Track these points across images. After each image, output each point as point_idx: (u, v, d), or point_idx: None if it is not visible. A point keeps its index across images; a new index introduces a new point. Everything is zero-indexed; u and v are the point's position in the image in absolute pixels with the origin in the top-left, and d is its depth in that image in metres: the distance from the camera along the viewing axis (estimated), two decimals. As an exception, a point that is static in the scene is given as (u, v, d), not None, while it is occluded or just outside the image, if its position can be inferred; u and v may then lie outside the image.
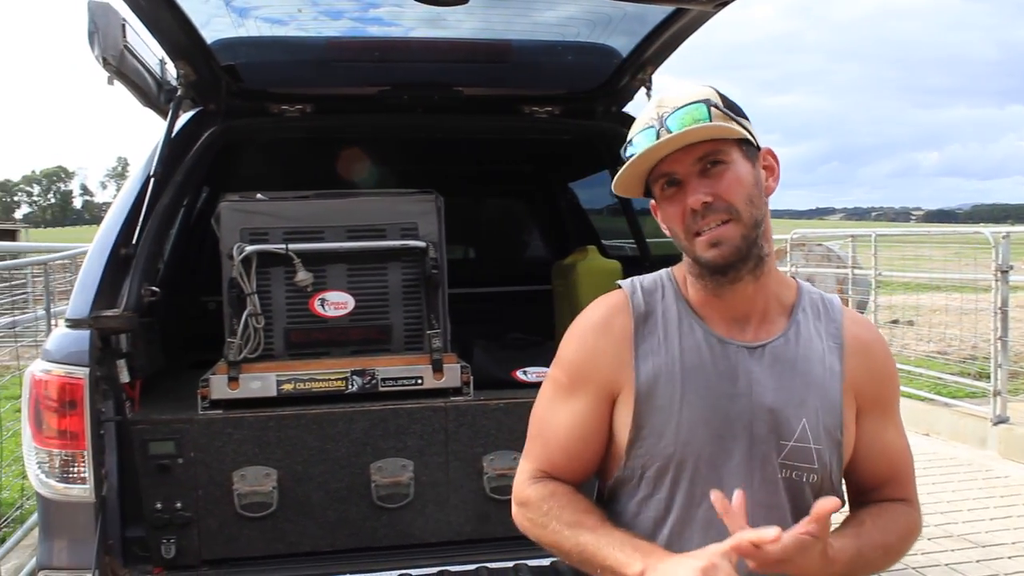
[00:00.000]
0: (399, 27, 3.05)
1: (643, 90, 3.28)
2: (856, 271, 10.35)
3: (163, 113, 3.49)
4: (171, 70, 3.32)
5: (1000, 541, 5.29)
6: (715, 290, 1.55)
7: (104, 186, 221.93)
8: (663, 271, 1.66)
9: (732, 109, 1.52)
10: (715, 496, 1.37)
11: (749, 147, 1.53)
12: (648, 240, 4.11)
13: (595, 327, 1.63)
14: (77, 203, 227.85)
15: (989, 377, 7.68)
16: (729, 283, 1.53)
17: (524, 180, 4.98)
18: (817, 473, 1.53)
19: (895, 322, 11.06)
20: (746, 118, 1.55)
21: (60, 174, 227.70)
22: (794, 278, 1.66)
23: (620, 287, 1.66)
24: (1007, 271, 7.85)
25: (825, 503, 1.33)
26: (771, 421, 1.52)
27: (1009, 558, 5.02)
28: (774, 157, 1.58)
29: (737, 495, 1.38)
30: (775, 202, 1.67)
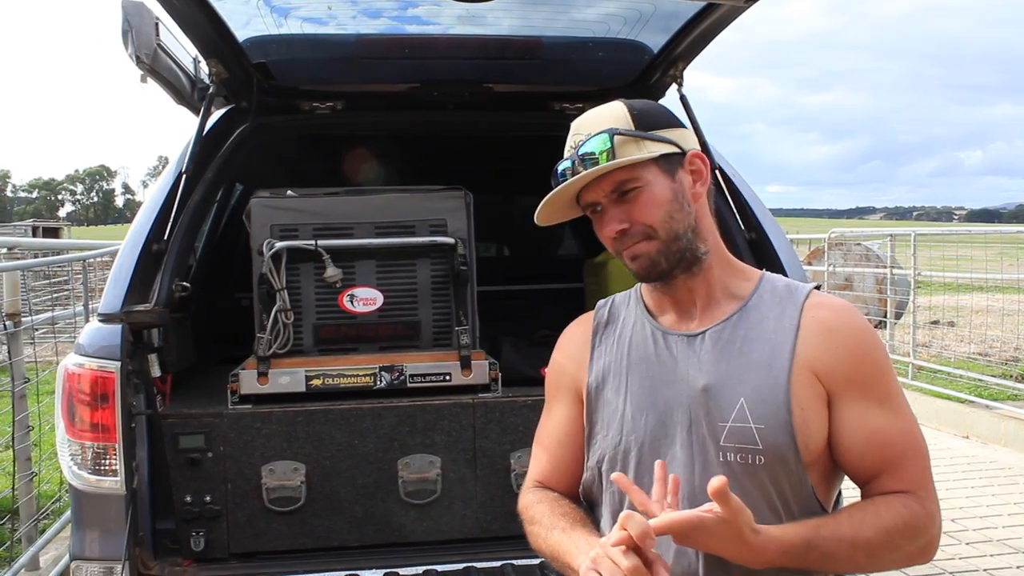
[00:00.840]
0: (430, 24, 3.06)
1: (674, 86, 3.25)
2: (895, 271, 10.21)
3: (196, 111, 3.53)
4: (205, 68, 3.36)
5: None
6: (660, 289, 1.64)
7: (145, 184, 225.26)
8: (638, 284, 1.75)
9: (645, 126, 1.57)
10: (658, 464, 1.43)
11: (668, 160, 1.57)
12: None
13: (562, 340, 1.82)
14: (119, 201, 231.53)
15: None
16: (664, 284, 1.62)
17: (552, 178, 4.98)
18: (763, 455, 1.49)
19: (935, 323, 10.90)
20: (669, 126, 1.60)
21: (103, 173, 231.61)
22: (761, 269, 1.69)
23: None
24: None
25: (713, 480, 1.30)
26: (705, 402, 1.53)
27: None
28: (702, 160, 1.62)
29: (672, 477, 1.42)
30: (813, 201, 1.66)
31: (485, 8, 2.77)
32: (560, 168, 1.60)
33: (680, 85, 3.21)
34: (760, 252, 2.92)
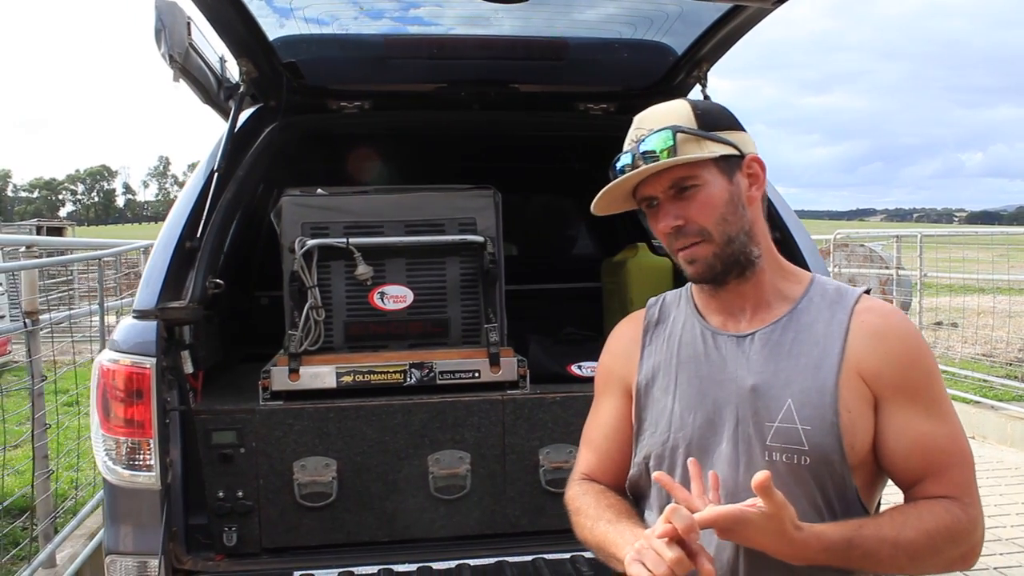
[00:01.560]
0: (456, 24, 3.08)
1: (698, 87, 3.28)
2: (900, 272, 10.24)
3: (222, 110, 3.56)
4: (231, 68, 3.39)
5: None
6: (710, 291, 1.67)
7: (146, 185, 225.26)
8: (688, 284, 1.77)
9: (707, 126, 1.59)
10: (691, 462, 1.46)
11: (727, 161, 1.59)
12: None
13: (613, 338, 1.84)
14: (120, 201, 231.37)
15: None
16: (717, 287, 1.64)
17: (576, 177, 5.00)
18: (808, 455, 1.51)
19: (939, 324, 10.92)
20: (731, 128, 1.62)
21: (103, 173, 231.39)
22: (813, 273, 1.70)
23: None
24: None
25: (757, 475, 1.32)
26: (753, 402, 1.56)
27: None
28: (760, 164, 1.64)
29: (711, 474, 1.46)
30: (814, 203, 1.69)
31: (512, 9, 2.80)
32: (620, 161, 1.62)
33: (704, 86, 3.24)
34: (785, 252, 2.95)
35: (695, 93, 3.33)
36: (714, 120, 1.60)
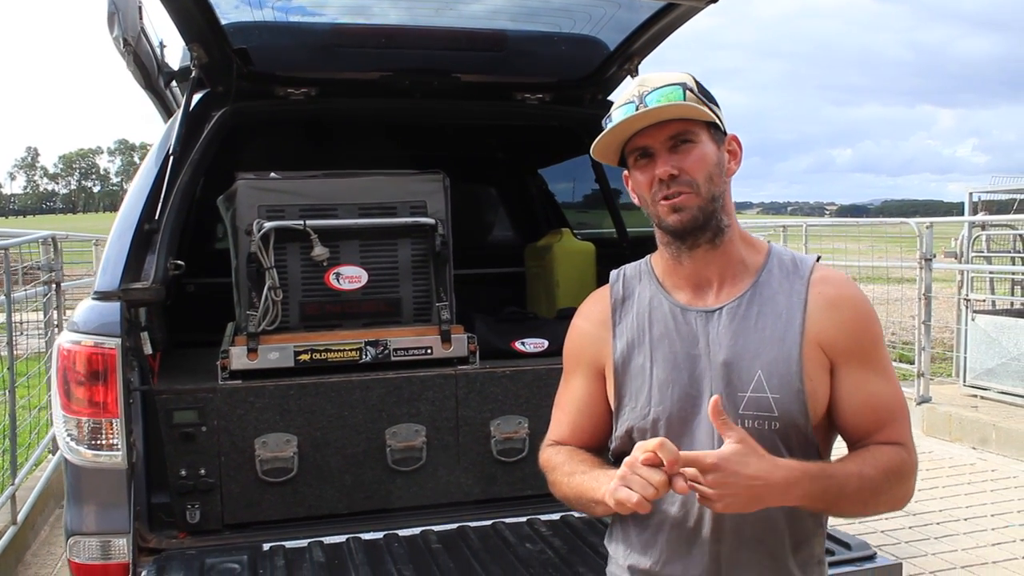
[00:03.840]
0: (401, 14, 3.19)
1: (628, 78, 3.46)
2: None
3: (158, 96, 3.57)
4: (169, 53, 3.42)
5: (928, 509, 5.72)
6: (677, 256, 1.75)
7: (13, 177, 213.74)
8: (646, 258, 1.89)
9: (705, 95, 1.74)
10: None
11: (716, 131, 1.74)
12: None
13: (580, 316, 1.93)
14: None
15: (912, 361, 8.14)
16: (688, 249, 1.73)
17: (501, 165, 5.14)
18: (778, 420, 1.67)
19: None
20: (717, 106, 1.77)
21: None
22: (768, 242, 1.85)
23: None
24: (930, 259, 8.34)
25: (711, 402, 1.51)
26: (726, 374, 1.69)
27: (937, 524, 5.44)
28: (738, 143, 1.80)
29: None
30: None
31: (454, 1, 2.92)
32: (618, 112, 1.71)
33: (634, 78, 3.42)
34: None
35: (626, 84, 3.51)
36: (707, 94, 1.75)
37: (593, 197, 4.58)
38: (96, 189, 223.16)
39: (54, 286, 6.57)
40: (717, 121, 1.74)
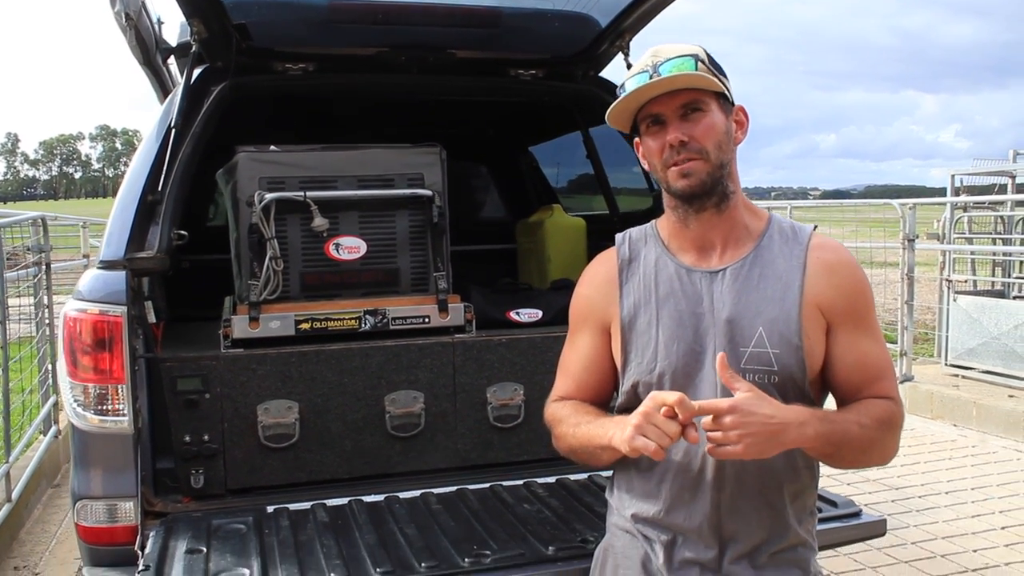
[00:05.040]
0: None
1: (621, 55, 3.53)
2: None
3: (155, 72, 3.61)
4: (167, 31, 3.46)
5: (909, 484, 5.85)
6: (684, 220, 1.86)
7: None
8: (651, 222, 1.99)
9: (715, 67, 1.83)
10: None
11: (725, 101, 1.84)
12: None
13: (587, 277, 2.03)
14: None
15: (895, 340, 8.27)
16: (695, 212, 1.83)
17: (498, 142, 5.20)
18: (777, 375, 1.77)
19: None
20: (726, 77, 1.86)
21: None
22: (768, 211, 1.95)
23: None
24: (913, 240, 8.46)
25: (717, 359, 1.62)
26: (729, 331, 1.80)
27: (919, 497, 5.56)
28: (745, 114, 1.90)
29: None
30: None
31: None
32: (632, 81, 1.81)
33: (627, 55, 3.49)
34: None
35: (618, 61, 3.58)
36: (717, 66, 1.84)
37: (584, 174, 4.65)
38: (78, 175, 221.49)
39: (44, 267, 6.60)
40: (726, 92, 1.82)
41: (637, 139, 1.89)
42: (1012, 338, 7.61)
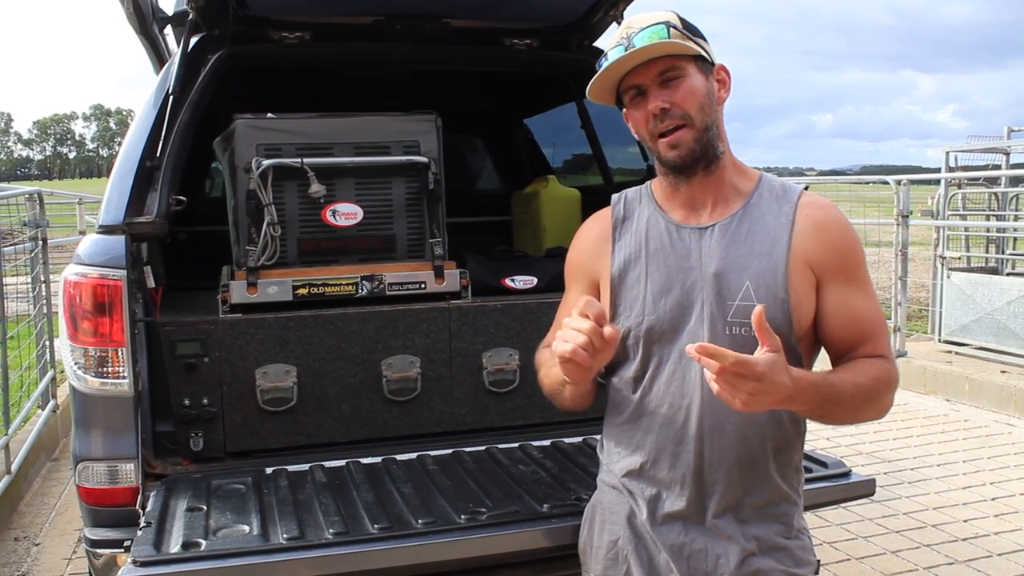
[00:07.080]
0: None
1: (614, 24, 3.54)
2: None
3: (151, 41, 3.62)
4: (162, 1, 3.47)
5: (902, 456, 5.92)
6: (675, 185, 1.89)
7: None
8: (646, 183, 2.04)
9: (690, 31, 1.86)
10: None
11: (704, 63, 1.86)
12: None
13: (581, 235, 2.09)
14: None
15: (889, 316, 8.32)
16: (686, 178, 1.86)
17: (492, 113, 5.21)
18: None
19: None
20: (704, 39, 1.88)
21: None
22: (759, 171, 1.98)
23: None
24: (907, 216, 8.50)
25: (754, 312, 1.56)
26: (716, 285, 1.83)
27: (911, 470, 5.64)
28: (726, 72, 1.92)
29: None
30: None
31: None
32: (611, 55, 1.84)
33: (620, 24, 3.50)
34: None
35: (612, 30, 3.59)
36: (692, 29, 1.87)
37: (579, 145, 4.67)
38: (72, 155, 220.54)
39: (40, 242, 6.63)
40: (703, 53, 1.84)
41: (625, 111, 1.92)
42: (1005, 314, 7.67)
